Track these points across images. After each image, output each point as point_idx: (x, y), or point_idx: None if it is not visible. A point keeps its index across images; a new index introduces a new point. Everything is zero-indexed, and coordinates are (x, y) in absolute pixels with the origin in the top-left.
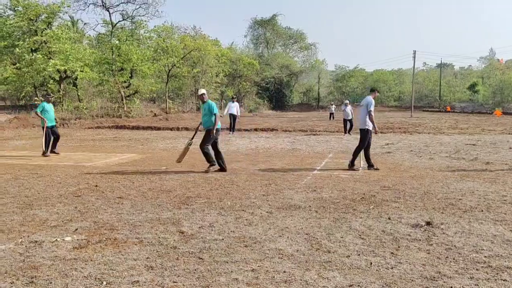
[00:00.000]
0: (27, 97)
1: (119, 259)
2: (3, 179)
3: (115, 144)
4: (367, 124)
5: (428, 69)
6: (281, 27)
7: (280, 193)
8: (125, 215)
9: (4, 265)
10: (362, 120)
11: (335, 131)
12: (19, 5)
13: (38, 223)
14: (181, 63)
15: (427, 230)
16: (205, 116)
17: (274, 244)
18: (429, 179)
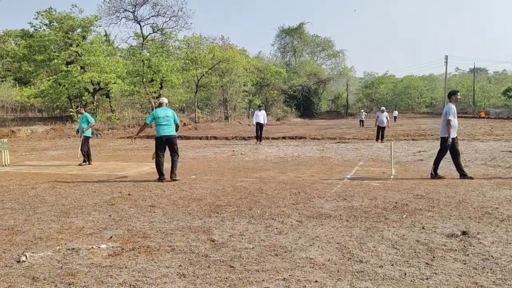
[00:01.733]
0: (62, 108)
1: (152, 267)
2: (41, 188)
3: (146, 153)
4: (446, 132)
5: (461, 74)
6: (309, 35)
7: (310, 201)
8: (157, 223)
9: (43, 272)
10: (442, 129)
11: (364, 139)
12: (53, 20)
13: (74, 231)
14: (210, 73)
15: (463, 240)
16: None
17: (305, 253)
18: (464, 187)
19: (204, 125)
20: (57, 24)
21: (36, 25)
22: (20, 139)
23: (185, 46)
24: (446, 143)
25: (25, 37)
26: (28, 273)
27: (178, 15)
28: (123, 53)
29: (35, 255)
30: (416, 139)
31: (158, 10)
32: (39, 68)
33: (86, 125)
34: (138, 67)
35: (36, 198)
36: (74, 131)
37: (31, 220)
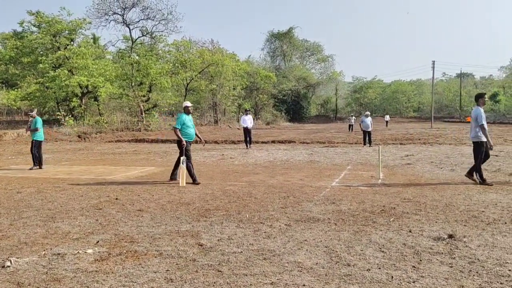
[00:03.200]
0: (49, 112)
1: (140, 272)
2: (27, 193)
3: (134, 157)
4: (478, 137)
5: (448, 79)
6: (298, 40)
7: (298, 205)
8: (145, 227)
9: (27, 278)
10: (473, 133)
11: (353, 143)
12: (43, 22)
13: (60, 236)
14: (199, 77)
15: (450, 243)
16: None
17: (293, 257)
18: (450, 191)
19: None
20: (46, 26)
21: (25, 26)
22: (6, 142)
23: (175, 50)
24: (481, 148)
25: (15, 38)
26: (12, 278)
27: (167, 19)
28: (112, 55)
29: (20, 260)
30: (404, 143)
31: (148, 14)
32: (26, 70)
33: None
34: (127, 70)
35: (21, 203)
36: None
37: (16, 225)
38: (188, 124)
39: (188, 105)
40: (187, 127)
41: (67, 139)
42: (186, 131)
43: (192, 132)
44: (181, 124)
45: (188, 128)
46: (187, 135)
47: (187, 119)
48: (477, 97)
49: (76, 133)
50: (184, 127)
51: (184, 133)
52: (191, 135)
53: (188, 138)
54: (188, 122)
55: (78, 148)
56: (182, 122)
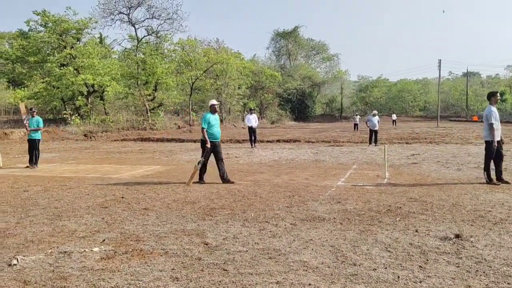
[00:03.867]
0: (54, 111)
1: (145, 270)
2: (34, 191)
3: (140, 156)
4: (490, 136)
5: (454, 78)
6: (303, 39)
7: (304, 204)
8: (150, 226)
9: (34, 276)
10: (485, 132)
11: (359, 142)
12: (49, 21)
13: (67, 234)
14: (204, 76)
15: (456, 243)
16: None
17: (298, 256)
18: (457, 191)
19: (199, 128)
20: (52, 25)
21: (32, 26)
22: (13, 141)
23: (180, 49)
24: (492, 147)
25: (22, 37)
26: (19, 276)
27: (172, 18)
28: (118, 54)
29: (27, 259)
30: (410, 143)
31: (153, 13)
32: (32, 70)
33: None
34: (132, 69)
35: (28, 201)
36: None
37: (23, 223)
38: (213, 123)
39: (214, 103)
40: (212, 127)
41: (74, 138)
42: (210, 130)
43: (217, 132)
44: (207, 123)
45: (213, 128)
46: (211, 134)
47: (212, 118)
48: (489, 96)
49: (82, 132)
50: (208, 127)
51: (209, 133)
52: (216, 134)
53: (213, 138)
54: (213, 121)
55: (84, 147)
56: (207, 121)
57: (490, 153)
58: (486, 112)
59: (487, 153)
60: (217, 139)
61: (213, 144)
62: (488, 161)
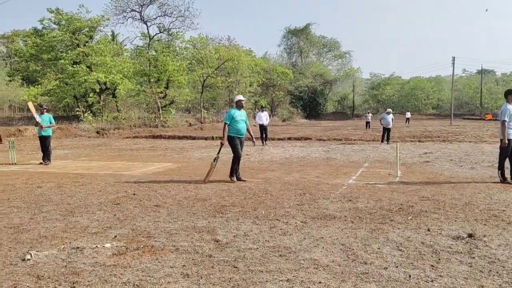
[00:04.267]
0: (67, 108)
1: (156, 266)
2: (47, 187)
3: (151, 153)
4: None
5: (468, 76)
6: (315, 36)
7: (314, 202)
8: (161, 223)
9: (47, 271)
10: (499, 130)
11: (370, 140)
12: (62, 19)
13: (79, 230)
14: (216, 74)
15: (469, 242)
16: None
17: (309, 254)
18: (470, 190)
19: (210, 125)
20: (65, 23)
21: (45, 24)
22: (27, 138)
23: (191, 47)
24: (504, 145)
25: (36, 35)
26: (32, 271)
27: (184, 15)
28: (130, 52)
29: (40, 254)
30: (423, 141)
31: (165, 10)
32: (46, 67)
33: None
34: (144, 67)
35: (41, 197)
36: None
37: (37, 219)
38: (237, 119)
39: (241, 99)
40: (236, 122)
41: (86, 135)
42: (235, 126)
43: (241, 127)
44: (230, 119)
45: (238, 124)
46: (236, 130)
47: (236, 113)
48: (506, 94)
49: (94, 129)
50: (233, 122)
51: (232, 129)
52: (240, 130)
53: (237, 134)
54: (238, 117)
55: (96, 144)
56: (231, 116)
57: (503, 152)
58: (501, 110)
59: (500, 151)
60: (242, 135)
61: (239, 139)
62: (502, 160)
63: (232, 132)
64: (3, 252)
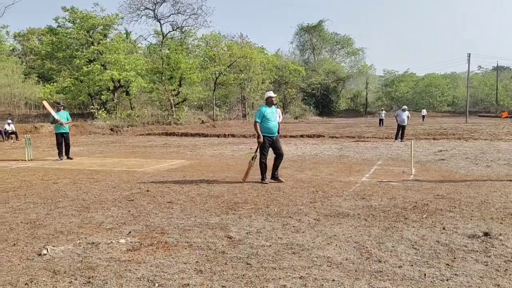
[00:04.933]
0: (82, 106)
1: (170, 262)
2: (63, 183)
3: (165, 150)
4: None
5: (484, 73)
6: (328, 33)
7: (327, 200)
8: (175, 219)
9: (63, 265)
10: None
11: (384, 138)
12: (77, 17)
13: (94, 226)
14: (228, 71)
15: (485, 241)
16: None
17: (322, 251)
18: (486, 188)
19: (222, 123)
20: (80, 22)
21: (60, 22)
22: (42, 135)
23: (204, 44)
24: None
25: (51, 33)
26: (49, 266)
27: (197, 13)
28: (143, 50)
29: (56, 249)
30: (437, 139)
31: (178, 8)
32: (61, 65)
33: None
34: (157, 65)
35: (57, 193)
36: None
37: (53, 214)
38: (268, 117)
39: (272, 95)
40: (267, 121)
41: (100, 132)
42: (266, 125)
43: (273, 126)
44: (261, 117)
45: (269, 122)
46: (267, 129)
47: (267, 111)
48: None
49: (108, 126)
50: (264, 121)
51: (263, 127)
52: (272, 129)
53: (268, 133)
54: (269, 115)
55: (110, 141)
56: (262, 114)
57: None
58: None
59: None
60: (274, 134)
61: (271, 139)
62: None
63: (263, 131)
64: (20, 247)
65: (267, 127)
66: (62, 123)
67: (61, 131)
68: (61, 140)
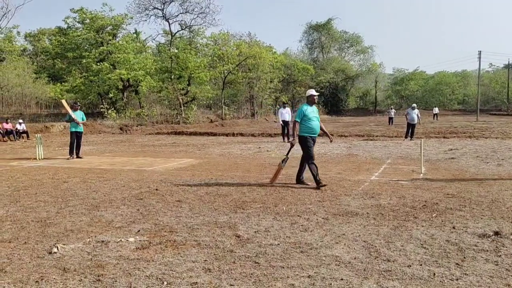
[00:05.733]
0: (91, 105)
1: (179, 261)
2: (73, 182)
3: (173, 149)
4: None
5: (495, 70)
6: (337, 31)
7: (336, 199)
8: (183, 218)
9: (73, 263)
10: None
11: (393, 136)
12: (86, 18)
13: (104, 224)
14: (236, 70)
15: (495, 240)
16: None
17: (330, 250)
18: (497, 187)
19: (231, 121)
20: (89, 22)
21: (69, 23)
22: (53, 134)
23: (213, 43)
24: None
25: (60, 34)
26: (59, 264)
27: (205, 12)
28: (152, 49)
29: (66, 247)
30: (448, 137)
31: (186, 7)
32: (71, 65)
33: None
34: (166, 64)
35: (68, 192)
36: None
37: (63, 213)
38: (310, 116)
39: (314, 93)
40: (310, 120)
41: (110, 131)
42: (307, 124)
43: (315, 126)
44: (301, 116)
45: (310, 121)
46: (309, 129)
47: (309, 110)
48: None
49: (118, 125)
50: (305, 120)
51: (304, 127)
52: (314, 129)
53: (311, 133)
54: (310, 114)
55: (120, 140)
56: (302, 114)
57: None
58: None
59: None
60: (316, 134)
61: (313, 139)
62: None
63: (305, 131)
64: (30, 245)
65: (310, 126)
66: (78, 122)
67: (76, 130)
68: (74, 139)
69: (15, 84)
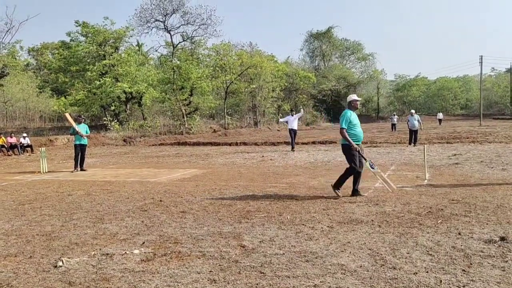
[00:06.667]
0: (94, 117)
1: (184, 272)
2: (77, 195)
3: (177, 160)
4: None
5: (497, 74)
6: (337, 39)
7: (340, 207)
8: (188, 229)
9: (78, 277)
10: None
11: (396, 143)
12: (89, 32)
13: (109, 237)
14: (238, 80)
15: (502, 245)
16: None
17: (336, 259)
18: (502, 192)
19: (234, 131)
20: (92, 36)
21: (72, 36)
22: (57, 147)
23: (214, 54)
24: None
25: (63, 48)
26: (64, 277)
27: (207, 23)
28: (154, 61)
29: (71, 260)
30: (451, 142)
31: (188, 19)
32: (74, 78)
33: (85, 133)
34: (168, 75)
35: (72, 205)
36: (107, 139)
37: (68, 226)
38: (354, 122)
39: (356, 99)
40: (354, 126)
41: (113, 143)
42: (352, 131)
43: (359, 133)
44: (347, 123)
45: (355, 128)
46: (353, 136)
47: (353, 116)
48: None
49: (121, 137)
50: (350, 127)
51: (350, 134)
52: (359, 136)
53: (356, 140)
54: (354, 120)
55: (123, 152)
56: (348, 119)
57: None
58: None
59: None
60: (360, 141)
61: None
62: None
63: (350, 137)
64: (36, 259)
65: (354, 133)
66: (82, 135)
67: (80, 143)
68: (79, 151)
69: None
